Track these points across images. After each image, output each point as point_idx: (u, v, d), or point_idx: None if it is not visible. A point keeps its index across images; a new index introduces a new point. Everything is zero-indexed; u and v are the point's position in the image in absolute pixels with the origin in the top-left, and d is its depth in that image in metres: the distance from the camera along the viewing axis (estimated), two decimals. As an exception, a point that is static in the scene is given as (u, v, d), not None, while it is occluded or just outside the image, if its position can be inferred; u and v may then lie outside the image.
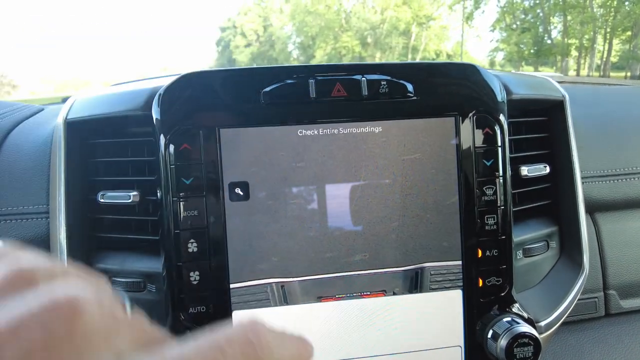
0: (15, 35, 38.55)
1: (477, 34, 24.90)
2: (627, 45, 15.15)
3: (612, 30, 14.98)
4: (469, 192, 0.49)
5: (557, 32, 17.35)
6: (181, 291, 0.47)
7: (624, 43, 15.50)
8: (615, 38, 15.28)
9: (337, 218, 0.48)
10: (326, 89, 0.47)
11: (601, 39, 15.91)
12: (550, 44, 17.16)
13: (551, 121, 0.60)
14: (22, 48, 37.44)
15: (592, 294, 0.67)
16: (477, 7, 19.65)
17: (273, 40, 29.85)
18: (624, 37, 15.08)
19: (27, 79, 27.17)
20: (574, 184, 0.57)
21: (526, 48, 17.62)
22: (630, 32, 14.40)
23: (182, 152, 0.46)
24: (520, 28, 18.05)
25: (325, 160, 0.48)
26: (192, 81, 0.47)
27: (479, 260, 0.50)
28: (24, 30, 38.96)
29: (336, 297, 0.49)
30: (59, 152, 0.52)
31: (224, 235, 0.47)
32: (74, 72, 37.95)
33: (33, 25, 39.65)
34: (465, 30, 22.54)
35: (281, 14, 29.27)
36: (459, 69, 0.51)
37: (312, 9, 25.04)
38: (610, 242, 0.68)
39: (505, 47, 18.92)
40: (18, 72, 34.16)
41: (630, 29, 14.22)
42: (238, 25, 31.20)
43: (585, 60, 16.75)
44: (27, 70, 33.06)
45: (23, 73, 32.21)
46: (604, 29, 15.43)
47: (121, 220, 0.54)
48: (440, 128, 0.49)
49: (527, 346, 0.46)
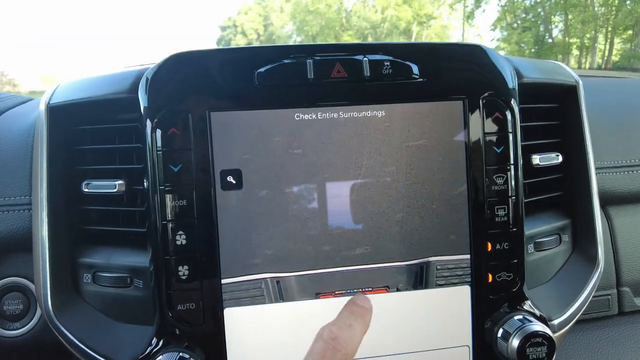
0: (16, 33, 38.58)
1: (477, 33, 24.85)
2: (629, 45, 15.12)
3: (614, 29, 14.95)
4: (477, 182, 0.46)
5: (558, 31, 17.32)
6: (169, 287, 0.44)
7: (625, 42, 15.47)
8: (617, 37, 15.25)
9: (337, 209, 0.45)
10: (325, 70, 0.44)
11: (602, 38, 15.88)
12: (551, 43, 17.14)
13: (564, 108, 0.57)
14: (23, 47, 37.48)
15: (605, 291, 0.64)
16: (477, 5, 19.61)
17: (273, 39, 29.84)
18: (625, 36, 15.05)
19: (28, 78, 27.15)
20: (588, 174, 0.54)
21: (527, 47, 17.59)
22: (632, 31, 14.37)
23: (169, 138, 0.43)
24: (521, 27, 18.03)
25: (324, 146, 0.45)
26: (181, 62, 0.44)
27: (489, 254, 0.47)
28: (24, 29, 39.01)
29: (335, 294, 0.45)
30: (41, 139, 0.49)
31: (214, 227, 0.43)
32: (74, 71, 38.01)
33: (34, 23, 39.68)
34: (466, 29, 22.52)
35: (281, 13, 29.26)
36: (467, 50, 0.47)
37: (313, 8, 25.01)
38: (624, 237, 0.65)
39: (506, 46, 18.89)
40: (18, 71, 34.19)
41: (632, 27, 14.19)
42: (238, 24, 31.20)
43: (586, 60, 16.72)
44: (28, 69, 33.07)
45: (23, 72, 32.22)
46: (605, 27, 15.40)
47: (108, 212, 0.51)
48: (447, 113, 0.46)
49: (541, 346, 0.43)
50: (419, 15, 24.32)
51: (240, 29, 31.00)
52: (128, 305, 0.48)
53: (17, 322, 0.55)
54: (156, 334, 0.44)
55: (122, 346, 0.46)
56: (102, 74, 0.51)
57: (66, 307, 0.48)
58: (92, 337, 0.46)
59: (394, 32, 24.73)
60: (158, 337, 0.44)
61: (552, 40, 17.30)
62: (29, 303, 0.55)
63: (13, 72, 32.45)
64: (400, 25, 24.62)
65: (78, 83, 0.51)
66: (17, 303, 0.55)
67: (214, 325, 0.44)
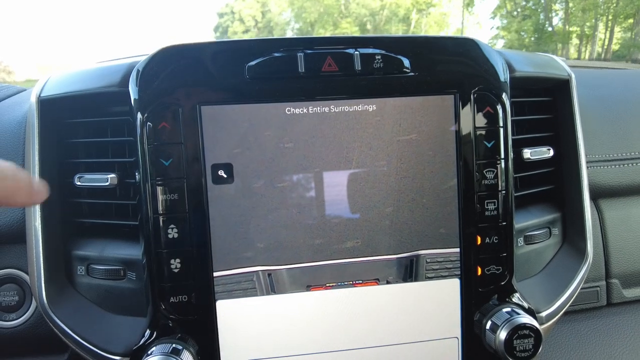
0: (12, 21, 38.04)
1: (477, 21, 24.61)
2: (629, 34, 15.02)
3: (614, 18, 14.84)
4: (468, 176, 0.46)
5: (558, 19, 17.16)
6: (162, 279, 0.44)
7: (625, 31, 15.35)
8: (617, 26, 15.14)
9: (328, 203, 0.46)
10: (316, 64, 0.44)
11: (603, 26, 15.76)
12: (551, 31, 17.00)
13: (556, 102, 0.57)
14: (19, 34, 37.00)
15: (594, 283, 0.65)
16: (478, -7, 19.38)
17: (271, 26, 29.52)
18: (626, 25, 14.93)
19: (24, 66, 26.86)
20: (579, 168, 0.55)
21: (527, 35, 17.45)
22: (633, 20, 14.26)
23: (160, 131, 0.43)
24: (521, 15, 17.87)
25: (315, 140, 0.45)
26: (171, 55, 0.44)
27: (478, 248, 0.47)
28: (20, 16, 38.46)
29: (326, 286, 0.46)
30: (32, 132, 0.49)
31: (206, 221, 0.44)
32: (71, 59, 37.58)
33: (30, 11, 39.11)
34: (466, 17, 22.31)
35: (280, 0, 28.89)
36: (459, 43, 0.47)
37: (311, -5, 24.72)
38: (614, 230, 0.65)
39: (506, 34, 18.73)
40: (14, 59, 33.78)
41: (633, 16, 14.08)
42: (236, 11, 30.82)
43: (586, 48, 16.61)
44: (24, 57, 32.69)
45: (19, 59, 31.85)
46: (606, 16, 15.28)
47: (101, 205, 0.51)
48: (439, 107, 0.46)
49: (528, 338, 0.44)
50: (418, 3, 24.05)
51: (238, 15, 30.63)
52: (122, 297, 0.49)
53: (12, 314, 0.56)
54: (149, 326, 0.45)
55: (116, 337, 0.47)
56: (93, 67, 0.51)
57: (60, 298, 0.48)
58: (86, 329, 0.47)
59: (393, 19, 24.48)
60: (151, 329, 0.44)
61: (552, 28, 17.17)
62: (24, 295, 0.56)
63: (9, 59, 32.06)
64: (399, 12, 24.36)
65: (69, 76, 0.51)
66: (12, 294, 0.55)
67: (207, 317, 0.44)
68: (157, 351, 0.41)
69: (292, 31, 28.45)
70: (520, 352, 0.44)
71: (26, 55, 33.08)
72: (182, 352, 0.41)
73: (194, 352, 0.43)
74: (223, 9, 32.25)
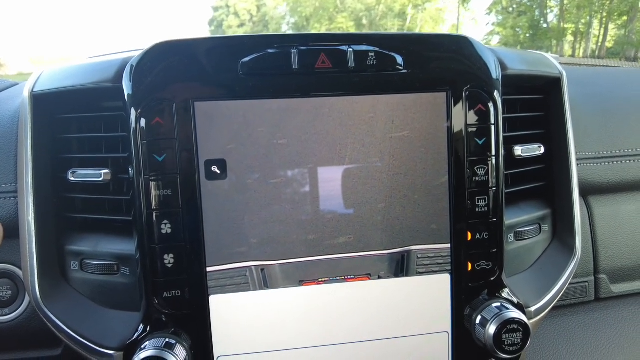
0: (4, 13, 37.51)
1: (473, 17, 24.63)
2: (623, 31, 15.09)
3: (609, 15, 14.90)
4: (459, 172, 0.47)
5: (553, 16, 17.20)
6: (155, 275, 0.44)
7: (619, 28, 15.42)
8: (611, 23, 15.21)
9: (321, 198, 0.46)
10: (310, 60, 0.44)
11: (597, 23, 15.82)
12: (546, 28, 17.04)
13: (547, 100, 0.58)
14: (11, 27, 36.50)
15: (583, 278, 0.66)
16: (474, -11, 19.37)
17: (266, 20, 29.33)
18: (620, 22, 15.01)
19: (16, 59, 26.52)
20: (569, 165, 0.55)
21: (522, 32, 17.49)
22: (627, 17, 14.33)
23: (154, 127, 0.43)
24: (517, 11, 17.89)
25: (309, 137, 0.45)
26: (165, 51, 0.44)
27: (469, 244, 0.48)
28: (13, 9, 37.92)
29: (319, 281, 0.46)
30: (25, 128, 0.49)
31: (199, 216, 0.44)
32: (64, 52, 37.17)
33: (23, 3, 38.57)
34: (461, 13, 22.29)
35: (275, -6, 28.68)
36: (452, 41, 0.48)
37: (307, -11, 24.57)
38: (603, 226, 0.66)
39: (501, 30, 18.76)
40: (6, 51, 33.36)
41: (627, 13, 14.15)
42: (231, 4, 30.57)
43: (580, 45, 16.67)
44: (16, 50, 32.30)
45: (11, 52, 31.46)
46: (600, 13, 15.34)
47: (94, 200, 0.51)
48: (431, 104, 0.46)
49: (516, 332, 0.45)
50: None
51: (233, 9, 30.41)
52: (115, 292, 0.49)
53: (6, 309, 0.56)
54: (143, 320, 0.45)
55: (110, 332, 0.47)
56: (87, 62, 0.51)
57: (54, 293, 0.49)
58: (80, 324, 0.47)
59: (389, 14, 24.41)
60: (145, 323, 0.45)
61: (547, 25, 17.20)
62: (17, 289, 0.56)
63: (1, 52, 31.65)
64: (395, 7, 24.29)
65: (62, 71, 0.50)
66: (5, 289, 0.55)
67: (200, 311, 0.45)
68: (151, 345, 0.42)
69: (287, 25, 28.27)
70: (508, 345, 0.45)
71: (18, 48, 32.67)
72: (175, 346, 0.42)
73: (187, 347, 0.43)
74: (218, 3, 31.99)
